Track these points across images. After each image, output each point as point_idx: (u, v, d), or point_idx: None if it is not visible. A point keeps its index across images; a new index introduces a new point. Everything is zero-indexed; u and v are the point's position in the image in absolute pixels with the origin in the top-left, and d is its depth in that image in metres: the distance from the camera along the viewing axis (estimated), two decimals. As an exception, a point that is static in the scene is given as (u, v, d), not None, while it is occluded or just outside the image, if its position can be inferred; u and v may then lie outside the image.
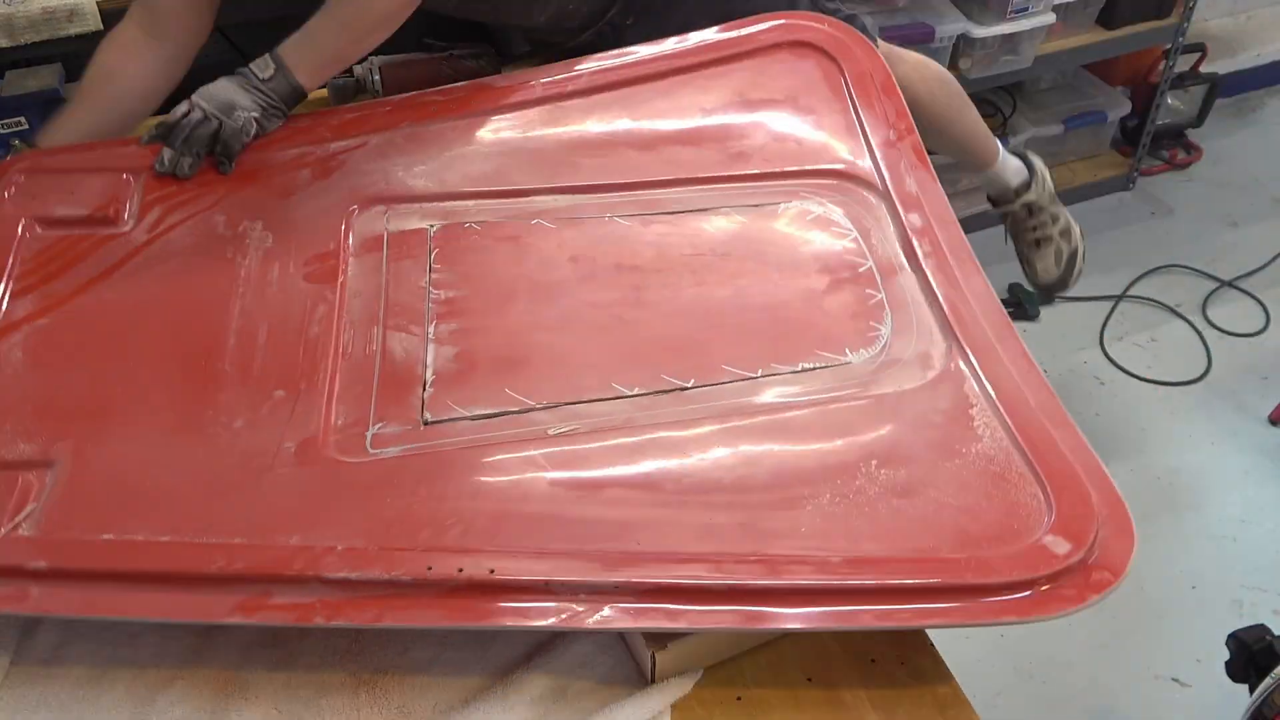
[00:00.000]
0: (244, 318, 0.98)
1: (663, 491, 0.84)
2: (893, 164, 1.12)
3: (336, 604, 0.77)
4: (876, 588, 0.76)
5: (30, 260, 1.02)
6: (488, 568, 0.77)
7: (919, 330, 0.98)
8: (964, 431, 0.88)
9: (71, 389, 0.92)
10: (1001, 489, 0.83)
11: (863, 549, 0.79)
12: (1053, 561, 0.76)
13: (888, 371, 0.94)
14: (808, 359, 0.95)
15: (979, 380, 0.92)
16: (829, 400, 0.91)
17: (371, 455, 0.87)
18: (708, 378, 0.93)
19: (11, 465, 0.85)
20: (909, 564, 0.77)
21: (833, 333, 0.98)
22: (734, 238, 1.07)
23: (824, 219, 1.09)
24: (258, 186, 1.10)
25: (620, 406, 0.91)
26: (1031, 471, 0.84)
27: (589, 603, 0.76)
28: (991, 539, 0.79)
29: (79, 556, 0.79)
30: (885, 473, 0.85)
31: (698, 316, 1.00)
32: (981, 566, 0.77)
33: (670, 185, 1.12)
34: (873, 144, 1.14)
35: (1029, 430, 0.87)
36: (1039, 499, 0.82)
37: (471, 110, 1.18)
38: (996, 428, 0.88)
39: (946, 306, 0.98)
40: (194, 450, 0.88)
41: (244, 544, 0.80)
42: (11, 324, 0.96)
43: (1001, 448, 0.86)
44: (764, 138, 1.16)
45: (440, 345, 0.96)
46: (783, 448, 0.88)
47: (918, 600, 0.75)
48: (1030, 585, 0.76)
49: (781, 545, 0.79)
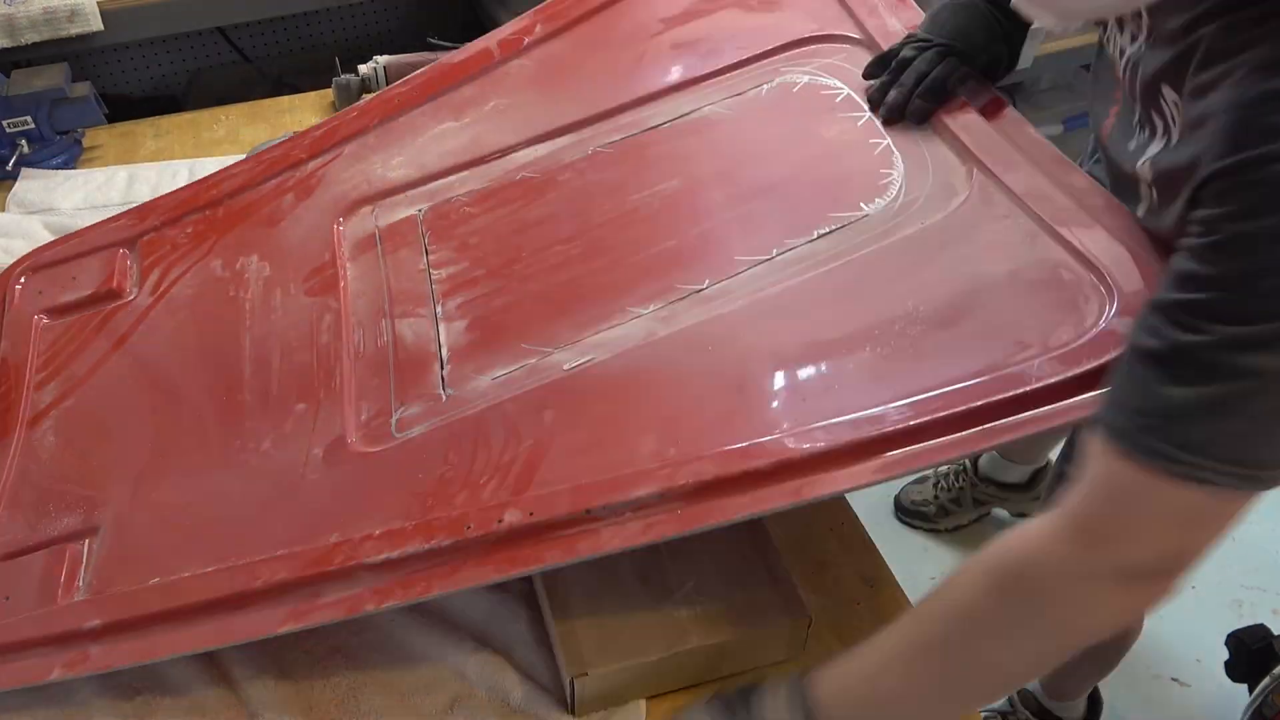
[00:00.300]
0: (255, 346, 0.97)
1: (695, 388, 0.78)
2: (870, 10, 1.05)
3: (385, 588, 0.73)
4: (956, 415, 0.68)
5: (47, 350, 1.02)
6: (526, 512, 0.73)
7: (934, 162, 0.90)
8: (1003, 243, 0.80)
9: (104, 458, 0.92)
10: (1055, 289, 0.75)
11: (922, 385, 0.72)
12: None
13: (909, 212, 0.87)
14: (821, 224, 0.88)
15: (1006, 190, 0.84)
16: (853, 254, 0.84)
17: (398, 439, 0.84)
18: (723, 273, 0.88)
19: (58, 540, 0.85)
20: (981, 386, 0.70)
21: (843, 192, 0.91)
22: (723, 131, 1.01)
23: (810, 86, 1.02)
24: (246, 224, 1.09)
25: (638, 325, 0.86)
26: (1082, 263, 0.75)
27: (636, 519, 0.71)
28: (1060, 337, 0.71)
29: (130, 606, 0.77)
30: (927, 309, 0.77)
31: (700, 218, 0.94)
32: (1053, 365, 0.69)
33: (645, 102, 1.07)
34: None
35: (1072, 224, 0.78)
36: (1097, 287, 0.73)
37: (435, 91, 1.15)
38: (1036, 230, 0.80)
39: (956, 128, 0.90)
40: (227, 481, 0.86)
41: (285, 554, 0.77)
42: (40, 414, 0.97)
43: (1045, 248, 0.78)
44: (729, 29, 1.10)
45: (450, 322, 0.92)
46: (813, 314, 0.81)
47: (1008, 413, 0.68)
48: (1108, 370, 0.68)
49: (826, 408, 0.73)
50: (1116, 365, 0.63)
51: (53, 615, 0.78)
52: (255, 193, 1.12)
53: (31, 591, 0.81)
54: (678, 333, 0.84)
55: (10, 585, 0.82)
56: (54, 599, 0.80)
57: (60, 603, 0.79)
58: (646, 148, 1.03)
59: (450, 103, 1.14)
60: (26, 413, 0.97)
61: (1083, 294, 0.73)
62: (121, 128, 1.46)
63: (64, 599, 0.80)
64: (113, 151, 1.42)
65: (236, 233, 1.09)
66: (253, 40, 1.91)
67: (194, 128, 1.47)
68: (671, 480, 0.71)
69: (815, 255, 0.86)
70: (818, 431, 0.72)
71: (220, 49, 1.91)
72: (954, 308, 0.77)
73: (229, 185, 1.12)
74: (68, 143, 1.38)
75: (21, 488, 0.91)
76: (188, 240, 1.09)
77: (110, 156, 1.41)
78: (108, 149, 1.43)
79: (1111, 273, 0.73)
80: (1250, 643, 1.31)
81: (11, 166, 1.34)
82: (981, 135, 0.89)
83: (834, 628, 0.85)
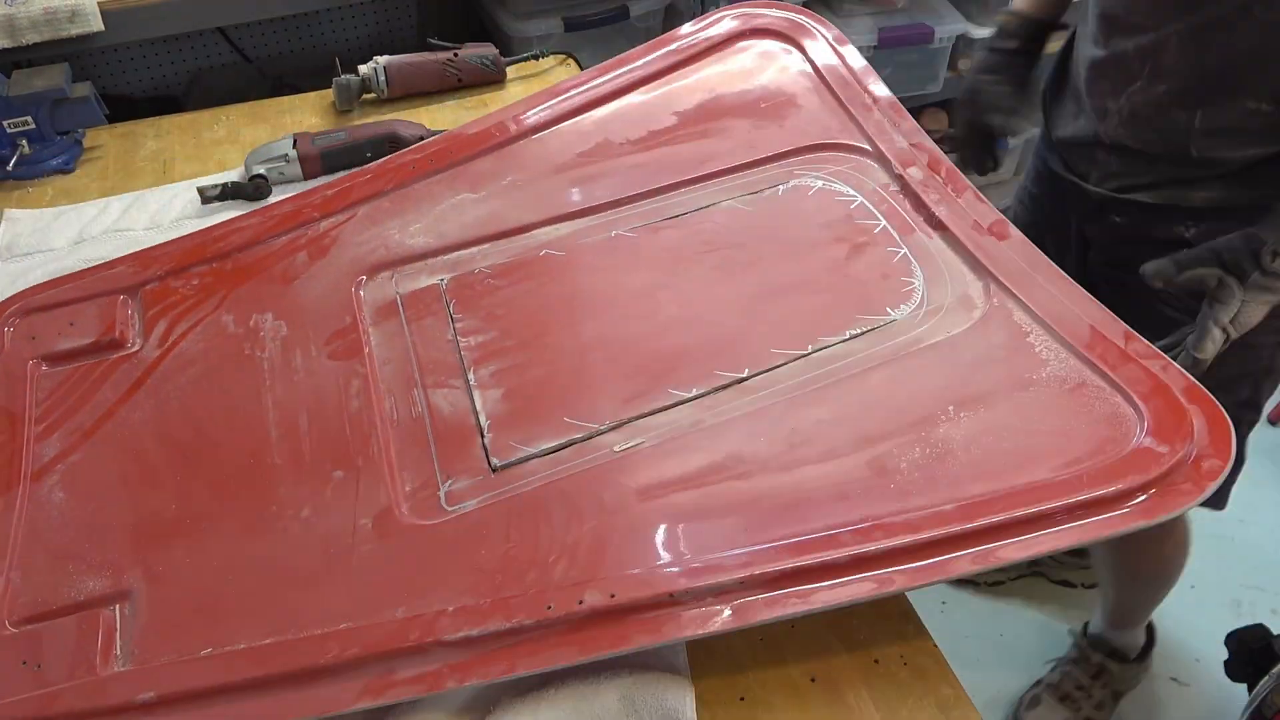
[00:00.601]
0: (279, 409, 0.96)
1: (754, 477, 0.83)
2: (876, 126, 1.13)
3: (465, 664, 0.74)
4: (1000, 524, 0.75)
5: (46, 400, 0.98)
6: (608, 594, 0.75)
7: (950, 275, 0.99)
8: (1028, 359, 0.89)
9: (124, 516, 0.88)
10: (1084, 406, 0.84)
11: (971, 493, 0.79)
12: (1160, 460, 0.77)
13: (933, 320, 0.95)
14: (852, 325, 0.95)
15: (1025, 308, 0.93)
16: (889, 358, 0.91)
17: (450, 513, 0.85)
18: (761, 364, 0.93)
19: (87, 604, 0.81)
20: (1022, 494, 0.77)
21: (868, 295, 0.98)
22: (743, 226, 1.07)
23: (825, 191, 1.10)
24: (258, 279, 1.08)
25: (684, 411, 0.90)
26: (1108, 382, 0.84)
27: (718, 603, 0.75)
28: (1091, 454, 0.79)
29: (186, 678, 0.75)
30: (966, 415, 0.85)
31: (731, 309, 0.99)
32: (1093, 480, 0.77)
33: (664, 192, 1.12)
34: (851, 111, 1.15)
35: (1092, 344, 0.87)
36: (1124, 407, 0.82)
37: (451, 161, 1.17)
38: (1059, 349, 0.89)
39: (970, 245, 0.99)
40: (270, 549, 0.85)
41: (351, 628, 0.77)
42: (44, 467, 0.93)
43: (1071, 366, 0.87)
44: (745, 128, 1.17)
45: (485, 390, 0.94)
46: (860, 411, 0.87)
47: (1044, 526, 0.75)
48: (1144, 489, 0.76)
49: (889, 507, 0.79)
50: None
51: (100, 686, 0.75)
52: (265, 247, 1.11)
53: (65, 660, 0.77)
54: (723, 422, 0.89)
55: (40, 652, 0.78)
56: (93, 669, 0.77)
57: (101, 673, 0.76)
58: (669, 235, 1.07)
59: (466, 174, 1.16)
60: (30, 465, 0.93)
61: (1112, 414, 0.82)
62: (122, 128, 1.45)
63: (104, 668, 0.77)
64: (113, 152, 1.41)
65: (248, 288, 1.07)
66: (253, 41, 1.94)
67: (194, 128, 1.46)
68: (750, 570, 0.75)
69: (849, 354, 0.93)
70: (876, 530, 0.77)
71: (221, 49, 1.94)
72: (990, 420, 0.84)
73: (237, 239, 1.11)
74: (68, 143, 1.38)
75: (34, 546, 0.86)
76: (195, 292, 1.07)
77: (110, 157, 1.41)
78: (108, 149, 1.42)
79: (1141, 397, 0.82)
80: (1249, 642, 1.31)
81: (12, 167, 1.33)
82: (995, 251, 0.98)
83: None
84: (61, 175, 1.36)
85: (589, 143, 1.18)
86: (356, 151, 1.33)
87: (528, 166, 1.17)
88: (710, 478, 0.84)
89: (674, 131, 1.18)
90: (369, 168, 1.18)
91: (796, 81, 1.21)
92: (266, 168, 1.31)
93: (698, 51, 1.23)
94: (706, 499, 0.82)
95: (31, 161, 1.35)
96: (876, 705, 0.78)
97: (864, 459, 0.83)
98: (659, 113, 1.20)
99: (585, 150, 1.17)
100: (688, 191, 1.12)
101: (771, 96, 1.20)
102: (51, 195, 1.34)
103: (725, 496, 0.82)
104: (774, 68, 1.22)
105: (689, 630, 0.74)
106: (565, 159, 1.17)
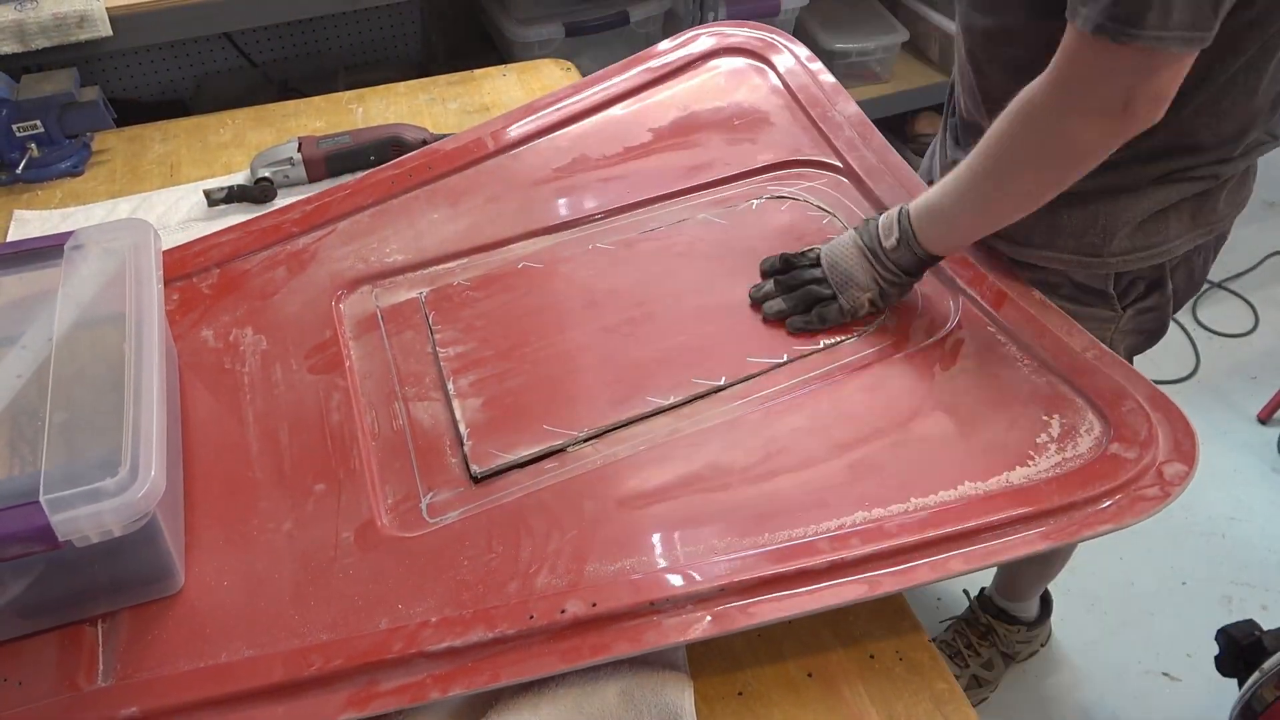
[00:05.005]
0: (260, 422, 0.96)
1: (732, 487, 0.84)
2: (847, 142, 1.16)
3: (447, 675, 0.75)
4: (973, 529, 0.77)
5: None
6: (589, 603, 0.76)
7: (921, 287, 1.01)
8: (998, 369, 0.91)
9: (104, 532, 0.88)
10: (1052, 415, 0.86)
11: (944, 499, 0.80)
12: (1125, 466, 0.79)
13: (905, 330, 0.97)
14: (827, 335, 0.97)
15: (995, 321, 0.95)
16: (861, 367, 0.93)
17: (432, 524, 0.86)
18: (738, 373, 0.95)
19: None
20: (995, 500, 0.79)
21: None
22: (718, 240, 1.09)
23: (798, 205, 1.12)
24: (237, 294, 1.08)
25: (663, 420, 0.91)
26: (1076, 391, 0.87)
27: (699, 610, 0.76)
28: (1061, 461, 0.82)
29: (169, 692, 0.75)
30: (940, 423, 0.87)
31: (707, 319, 1.01)
32: (1061, 487, 0.79)
33: (640, 207, 1.14)
34: (822, 129, 1.18)
35: (1060, 355, 0.90)
36: (1090, 416, 0.85)
37: (430, 177, 1.18)
38: (1028, 360, 0.91)
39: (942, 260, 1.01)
40: (251, 562, 0.85)
41: (334, 640, 0.77)
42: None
43: (1039, 377, 0.89)
44: (719, 144, 1.19)
45: (464, 399, 0.95)
46: (835, 419, 0.89)
47: (1018, 530, 0.77)
48: (1110, 495, 0.78)
49: (865, 513, 0.80)
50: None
51: (82, 702, 0.75)
52: (245, 262, 1.11)
53: (47, 676, 0.77)
54: (701, 431, 0.90)
55: (19, 669, 0.78)
56: (75, 685, 0.77)
57: (84, 689, 0.76)
58: (645, 247, 1.09)
59: (445, 189, 1.17)
60: None
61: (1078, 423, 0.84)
62: (129, 132, 1.46)
63: (87, 684, 0.77)
64: (121, 155, 1.42)
65: (227, 303, 1.07)
66: (259, 46, 1.95)
67: (201, 132, 1.46)
68: (730, 576, 0.77)
69: (824, 363, 0.95)
70: (852, 537, 0.79)
71: (227, 54, 1.95)
72: (963, 428, 0.86)
73: (216, 254, 1.11)
74: (76, 146, 1.39)
75: (13, 562, 0.86)
76: (174, 307, 1.07)
77: (118, 160, 1.41)
78: (116, 152, 1.42)
79: (1105, 406, 0.84)
80: (1240, 638, 1.31)
81: (21, 169, 1.34)
82: (966, 268, 1.00)
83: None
84: (70, 178, 1.37)
85: (566, 158, 1.20)
86: (360, 154, 1.34)
87: (506, 182, 1.18)
88: (689, 487, 0.85)
89: (650, 147, 1.20)
90: (345, 185, 1.18)
91: (769, 99, 1.23)
92: (272, 171, 1.31)
93: (673, 69, 1.25)
94: (686, 508, 0.84)
95: (41, 164, 1.36)
96: (872, 700, 0.79)
97: (840, 466, 0.85)
98: (635, 129, 1.22)
99: (563, 165, 1.19)
100: (663, 206, 1.14)
101: (745, 114, 1.22)
102: (60, 197, 1.34)
103: (704, 505, 0.84)
104: (747, 85, 1.25)
105: (670, 638, 0.75)
106: (543, 174, 1.18)
